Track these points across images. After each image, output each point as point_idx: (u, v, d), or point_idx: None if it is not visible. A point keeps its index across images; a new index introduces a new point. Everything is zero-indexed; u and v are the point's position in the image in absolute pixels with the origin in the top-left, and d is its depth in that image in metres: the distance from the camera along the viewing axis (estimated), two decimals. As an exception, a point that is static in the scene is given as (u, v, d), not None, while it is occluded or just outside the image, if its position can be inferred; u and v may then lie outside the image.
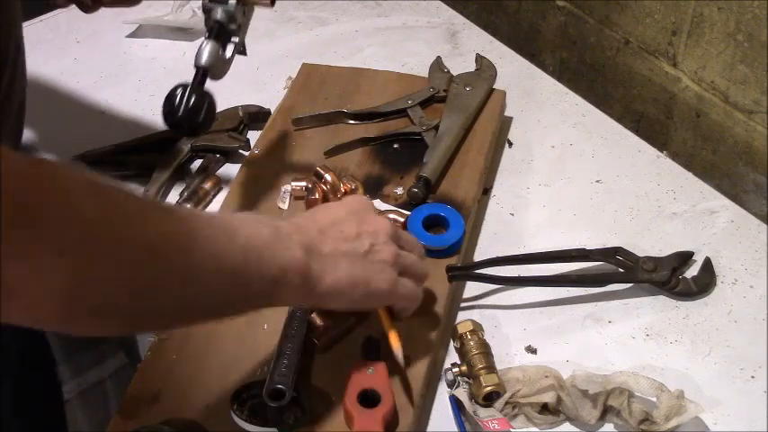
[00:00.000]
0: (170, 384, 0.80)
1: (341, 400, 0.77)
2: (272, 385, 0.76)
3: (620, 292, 0.92)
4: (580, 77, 1.26)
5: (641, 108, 1.19)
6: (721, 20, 1.01)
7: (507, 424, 0.78)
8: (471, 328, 0.84)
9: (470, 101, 1.07)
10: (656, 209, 1.01)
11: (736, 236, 0.98)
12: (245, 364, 0.81)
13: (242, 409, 0.75)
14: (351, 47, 1.26)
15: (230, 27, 0.81)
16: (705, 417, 0.79)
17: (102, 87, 1.17)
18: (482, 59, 1.14)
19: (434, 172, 0.98)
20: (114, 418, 0.77)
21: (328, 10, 1.34)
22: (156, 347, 0.83)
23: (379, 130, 1.06)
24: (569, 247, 0.93)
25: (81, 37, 1.28)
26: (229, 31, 0.81)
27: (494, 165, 1.07)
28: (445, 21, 1.32)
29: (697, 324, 0.89)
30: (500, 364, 0.83)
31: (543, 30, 1.29)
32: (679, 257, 0.93)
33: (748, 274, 0.94)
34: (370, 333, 0.83)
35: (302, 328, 0.81)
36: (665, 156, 1.10)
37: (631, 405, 0.77)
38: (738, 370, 0.85)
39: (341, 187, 0.97)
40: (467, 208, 0.96)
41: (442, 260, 0.90)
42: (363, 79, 1.13)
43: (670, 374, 0.83)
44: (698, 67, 1.07)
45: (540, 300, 0.91)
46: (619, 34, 1.17)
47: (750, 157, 1.05)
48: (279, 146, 1.04)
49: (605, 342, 0.88)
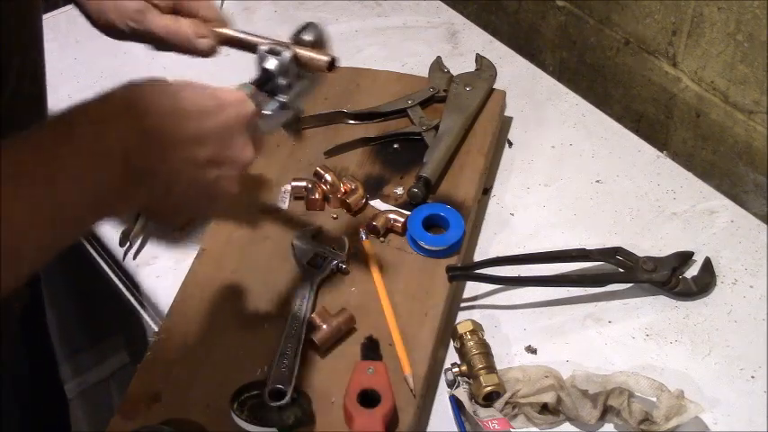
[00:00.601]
0: (170, 384, 0.80)
1: (341, 400, 0.77)
2: (272, 385, 0.76)
3: (620, 292, 0.92)
4: (580, 77, 1.26)
5: (641, 108, 1.19)
6: (721, 20, 1.01)
7: (507, 424, 0.78)
8: (471, 328, 0.84)
9: (470, 101, 1.07)
10: (656, 209, 1.01)
11: (736, 236, 0.98)
12: (245, 364, 0.81)
13: (242, 409, 0.75)
14: (351, 47, 1.26)
15: (279, 81, 0.74)
16: (705, 417, 0.80)
17: (102, 87, 1.17)
18: (482, 59, 1.14)
19: (434, 172, 0.98)
20: (114, 418, 0.77)
21: (328, 10, 1.34)
22: (156, 347, 0.83)
23: (379, 130, 1.06)
24: (569, 247, 0.93)
25: (81, 37, 1.28)
26: (277, 84, 0.74)
27: (494, 165, 1.07)
28: (445, 21, 1.32)
29: (697, 324, 0.89)
30: (500, 364, 0.83)
31: (543, 30, 1.29)
32: (679, 257, 0.93)
33: (748, 274, 0.94)
34: (370, 333, 0.83)
35: (302, 328, 0.81)
36: (665, 156, 1.10)
37: (631, 405, 0.77)
38: (738, 370, 0.85)
39: (341, 187, 0.97)
40: (467, 208, 0.96)
41: (442, 260, 0.90)
42: (363, 79, 1.13)
43: (670, 374, 0.83)
44: (698, 67, 1.07)
45: (540, 300, 0.91)
46: (619, 34, 1.17)
47: (750, 157, 1.05)
48: (279, 146, 1.04)
49: (605, 342, 0.88)
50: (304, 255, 0.89)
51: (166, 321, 0.86)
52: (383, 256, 0.91)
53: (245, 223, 0.95)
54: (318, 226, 0.94)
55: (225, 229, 0.94)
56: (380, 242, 0.93)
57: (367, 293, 0.88)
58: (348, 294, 0.88)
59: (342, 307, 0.85)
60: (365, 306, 0.86)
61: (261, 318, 0.85)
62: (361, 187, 0.97)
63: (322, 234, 0.93)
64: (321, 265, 0.88)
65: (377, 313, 0.85)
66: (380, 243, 0.93)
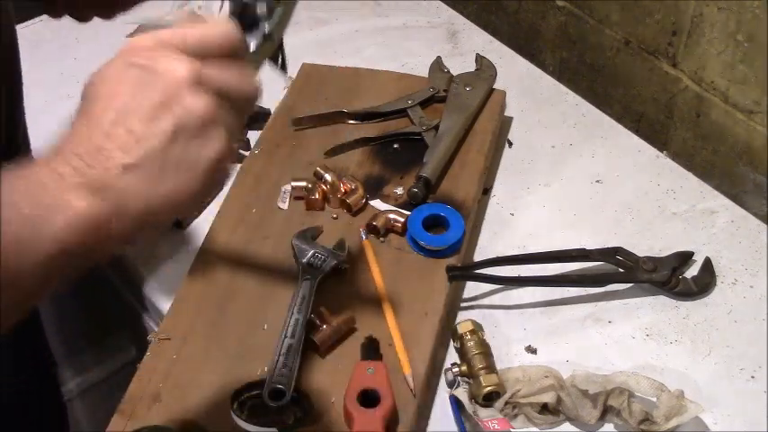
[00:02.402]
0: (170, 384, 0.80)
1: (341, 400, 0.77)
2: (272, 385, 0.76)
3: (620, 292, 0.92)
4: (580, 77, 1.26)
5: (641, 108, 1.19)
6: (721, 20, 1.01)
7: (507, 424, 0.78)
8: (471, 328, 0.84)
9: (470, 101, 1.07)
10: (656, 209, 1.01)
11: (736, 236, 0.98)
12: (245, 364, 0.81)
13: (242, 409, 0.75)
14: (351, 47, 1.26)
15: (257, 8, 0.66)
16: (705, 417, 0.80)
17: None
18: (482, 59, 1.14)
19: (434, 172, 0.98)
20: (114, 418, 0.77)
21: (328, 10, 1.34)
22: (156, 347, 0.83)
23: (379, 130, 1.06)
24: (569, 247, 0.93)
25: (81, 37, 1.28)
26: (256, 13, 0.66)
27: (494, 165, 1.07)
28: (445, 21, 1.32)
29: (697, 324, 0.89)
30: (500, 364, 0.83)
31: (543, 30, 1.29)
32: (679, 257, 0.93)
33: (748, 274, 0.94)
34: (370, 333, 0.83)
35: (302, 328, 0.81)
36: (665, 156, 1.10)
37: (631, 405, 0.77)
38: (738, 370, 0.85)
39: (341, 187, 0.97)
40: (467, 208, 0.96)
41: (441, 260, 0.90)
42: (363, 79, 1.13)
43: (670, 374, 0.83)
44: (698, 67, 1.07)
45: (540, 300, 0.91)
46: (619, 34, 1.17)
47: (750, 157, 1.05)
48: (279, 146, 1.04)
49: (605, 342, 0.88)
50: (304, 255, 0.89)
51: (166, 321, 0.86)
52: (383, 256, 0.91)
53: (245, 223, 0.95)
54: (318, 226, 0.94)
55: (225, 229, 0.94)
56: (380, 242, 0.93)
57: (367, 293, 0.87)
58: (348, 294, 0.88)
59: (342, 307, 0.85)
60: (365, 306, 0.86)
61: (261, 318, 0.85)
62: (361, 187, 0.97)
63: (322, 234, 0.93)
64: (321, 265, 0.88)
65: (377, 313, 0.85)
66: (380, 243, 0.93)
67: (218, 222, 0.95)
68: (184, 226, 0.98)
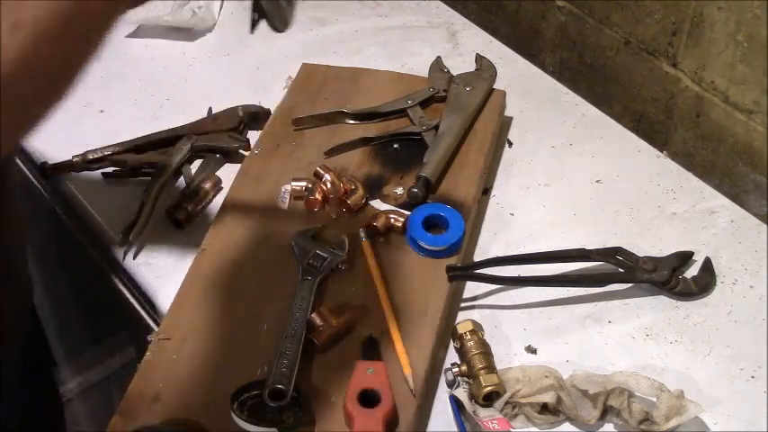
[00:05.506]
0: (170, 384, 0.80)
1: (341, 400, 0.77)
2: (271, 385, 0.76)
3: (620, 292, 0.92)
4: (580, 77, 1.26)
5: (641, 108, 1.19)
6: (721, 20, 1.01)
7: (507, 424, 0.78)
8: (471, 328, 0.84)
9: (470, 101, 1.07)
10: (656, 209, 1.01)
11: (736, 236, 0.98)
12: (245, 364, 0.81)
13: (242, 409, 0.75)
14: (351, 47, 1.26)
15: None
16: (705, 417, 0.80)
17: (102, 87, 1.17)
18: (482, 59, 1.14)
19: (434, 172, 0.98)
20: (114, 418, 0.77)
21: (328, 10, 1.34)
22: (156, 347, 0.83)
23: (379, 130, 1.06)
24: (569, 247, 0.93)
25: (81, 37, 1.28)
26: None
27: (494, 165, 1.07)
28: (445, 21, 1.32)
29: (697, 324, 0.89)
30: (500, 364, 0.83)
31: (543, 30, 1.29)
32: (679, 257, 0.93)
33: (748, 274, 0.94)
34: (370, 333, 0.83)
35: (302, 328, 0.81)
36: (665, 156, 1.10)
37: (631, 405, 0.77)
38: (738, 370, 0.85)
39: (341, 187, 0.97)
40: (467, 208, 0.96)
41: (441, 260, 0.90)
42: (363, 79, 1.13)
43: (670, 374, 0.83)
44: (698, 67, 1.07)
45: (540, 300, 0.91)
46: (619, 34, 1.17)
47: (750, 157, 1.05)
48: (279, 146, 1.04)
49: (605, 342, 0.88)
50: (304, 255, 0.89)
51: (166, 321, 0.86)
52: (383, 256, 0.91)
53: (245, 223, 0.95)
54: (318, 226, 0.94)
55: (225, 229, 0.94)
56: (380, 242, 0.93)
57: (367, 293, 0.87)
58: (348, 294, 0.88)
59: (342, 307, 0.85)
60: (365, 306, 0.86)
61: (261, 318, 0.85)
62: (361, 187, 0.97)
63: (322, 234, 0.93)
64: (321, 265, 0.88)
65: (377, 313, 0.85)
66: (380, 243, 0.93)
67: (217, 222, 0.95)
68: (184, 226, 0.98)
